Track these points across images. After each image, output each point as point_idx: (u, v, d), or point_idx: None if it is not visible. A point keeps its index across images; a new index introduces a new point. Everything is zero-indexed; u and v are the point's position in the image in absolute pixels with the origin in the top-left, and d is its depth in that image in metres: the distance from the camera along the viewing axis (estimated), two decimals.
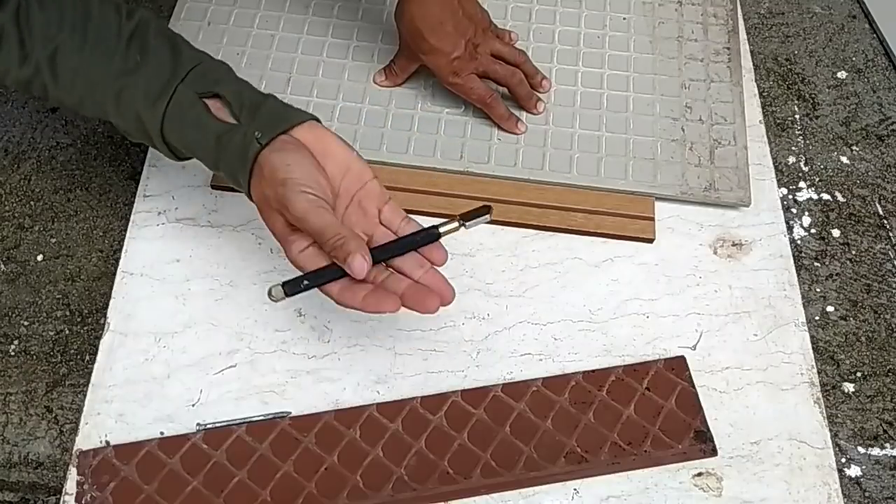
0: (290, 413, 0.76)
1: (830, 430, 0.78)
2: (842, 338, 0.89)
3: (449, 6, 0.86)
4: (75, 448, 0.75)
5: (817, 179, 0.99)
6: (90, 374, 0.79)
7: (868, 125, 1.04)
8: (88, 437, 0.75)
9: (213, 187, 0.89)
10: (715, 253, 0.87)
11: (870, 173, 1.00)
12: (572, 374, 0.79)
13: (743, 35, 1.02)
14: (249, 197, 0.71)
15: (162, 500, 0.72)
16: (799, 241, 0.94)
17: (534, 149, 0.90)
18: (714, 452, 0.75)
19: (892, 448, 0.83)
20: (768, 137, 0.95)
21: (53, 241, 0.92)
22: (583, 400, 0.77)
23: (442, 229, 0.70)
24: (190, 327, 0.81)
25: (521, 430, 0.75)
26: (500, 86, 0.91)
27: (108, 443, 0.75)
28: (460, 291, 0.83)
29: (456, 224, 0.70)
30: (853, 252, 0.94)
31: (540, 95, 0.93)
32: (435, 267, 0.71)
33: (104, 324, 0.81)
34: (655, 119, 0.93)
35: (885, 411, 0.85)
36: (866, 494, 0.81)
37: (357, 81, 0.95)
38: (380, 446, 0.74)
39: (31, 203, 0.94)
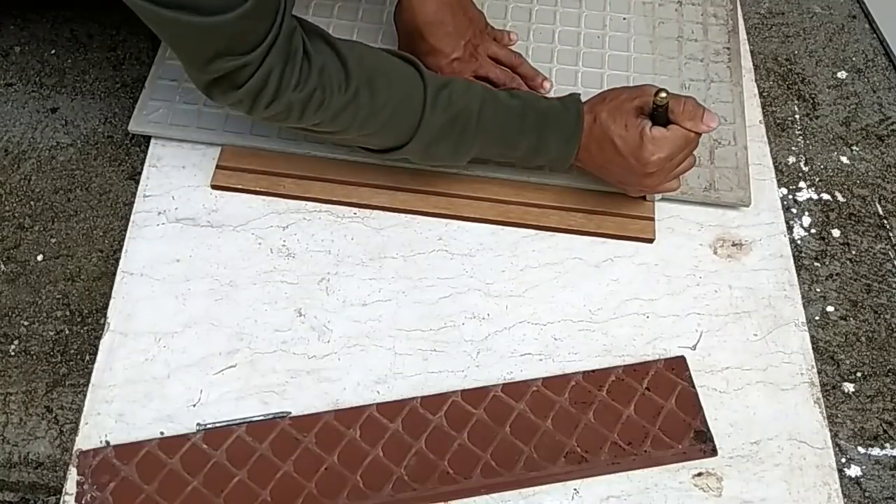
0: (290, 413, 0.76)
1: (830, 430, 0.78)
2: (842, 338, 0.89)
3: (448, 7, 0.86)
4: (75, 448, 0.75)
5: (817, 179, 0.99)
6: (90, 374, 0.79)
7: (868, 125, 1.04)
8: (88, 437, 0.75)
9: (213, 187, 0.89)
10: (715, 253, 0.87)
11: (870, 173, 1.00)
12: (572, 374, 0.79)
13: (743, 35, 1.02)
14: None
15: (162, 500, 0.72)
16: (799, 241, 0.94)
17: None
18: (714, 452, 0.75)
19: (892, 448, 0.83)
20: (768, 137, 0.95)
21: (53, 241, 0.92)
22: (583, 400, 0.77)
23: None
24: (190, 327, 0.81)
25: (521, 430, 0.75)
26: (498, 87, 0.91)
27: (108, 443, 0.75)
28: (460, 292, 0.84)
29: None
30: (853, 252, 0.94)
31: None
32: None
33: (104, 324, 0.81)
34: None
35: (885, 411, 0.85)
36: (866, 494, 0.81)
37: None
38: (380, 446, 0.74)
39: (31, 203, 0.94)
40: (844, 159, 1.01)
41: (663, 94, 0.74)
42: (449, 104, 0.77)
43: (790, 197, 0.98)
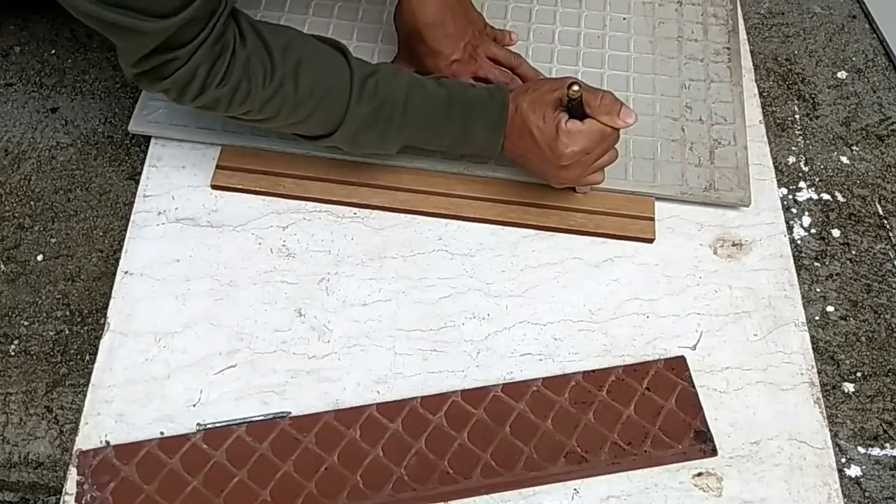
0: (290, 413, 0.76)
1: (830, 430, 0.78)
2: (842, 338, 0.89)
3: (448, 8, 0.86)
4: (75, 448, 0.75)
5: (817, 179, 0.99)
6: (90, 374, 0.79)
7: (868, 125, 1.04)
8: (88, 437, 0.75)
9: (213, 187, 0.89)
10: (715, 253, 0.87)
11: (870, 173, 1.00)
12: (572, 374, 0.79)
13: (743, 35, 1.02)
14: None
15: (162, 500, 0.72)
16: (799, 241, 0.94)
17: None
18: (714, 452, 0.75)
19: (892, 448, 0.83)
20: (768, 137, 0.95)
21: (53, 241, 0.92)
22: (583, 400, 0.77)
23: None
24: (190, 327, 0.81)
25: (521, 430, 0.75)
26: None
27: (108, 443, 0.75)
28: (460, 292, 0.84)
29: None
30: (853, 252, 0.94)
31: None
32: None
33: (104, 324, 0.81)
34: (655, 119, 0.93)
35: (885, 411, 0.85)
36: (866, 494, 0.81)
37: None
38: (380, 446, 0.74)
39: (31, 203, 0.94)
40: (844, 159, 1.01)
41: (576, 87, 0.74)
42: (375, 93, 0.77)
43: (790, 197, 0.98)
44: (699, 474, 0.75)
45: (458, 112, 0.79)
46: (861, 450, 0.83)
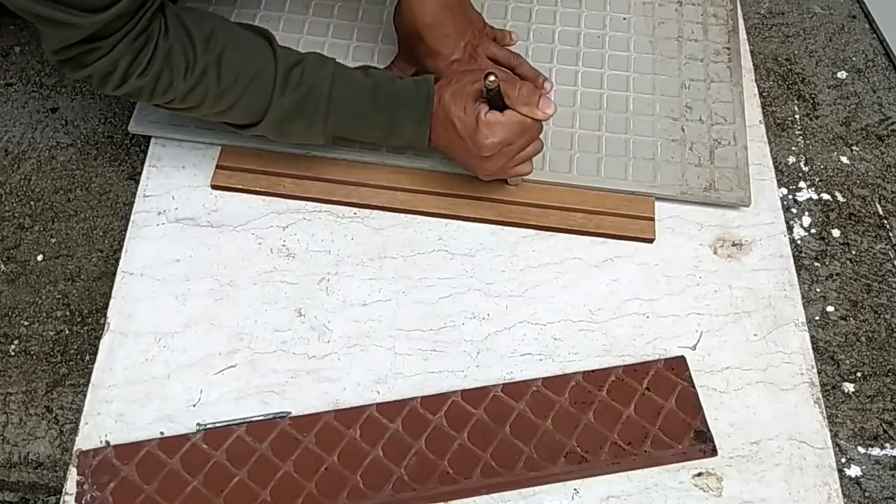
0: (290, 413, 0.76)
1: (830, 430, 0.78)
2: (842, 338, 0.89)
3: (448, 9, 0.86)
4: (75, 448, 0.75)
5: (817, 179, 0.99)
6: (90, 374, 0.79)
7: (868, 125, 1.04)
8: (88, 437, 0.75)
9: (213, 187, 0.89)
10: (715, 253, 0.87)
11: (870, 173, 1.00)
12: (572, 374, 0.79)
13: (743, 35, 1.02)
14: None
15: (162, 500, 0.72)
16: (799, 241, 0.94)
17: None
18: (714, 452, 0.75)
19: (892, 448, 0.83)
20: (768, 137, 0.95)
21: (53, 241, 0.92)
22: (583, 400, 0.77)
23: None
24: (190, 327, 0.81)
25: (521, 430, 0.75)
26: None
27: (108, 443, 0.75)
28: (460, 292, 0.84)
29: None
30: (853, 252, 0.94)
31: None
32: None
33: (104, 324, 0.81)
34: (655, 119, 0.93)
35: (885, 411, 0.85)
36: (866, 494, 0.81)
37: None
38: (380, 446, 0.74)
39: (31, 203, 0.94)
40: (844, 159, 1.01)
41: (492, 78, 0.74)
42: (300, 83, 0.78)
43: (790, 197, 0.98)
44: (699, 474, 0.75)
45: (383, 103, 0.80)
46: (861, 450, 0.83)
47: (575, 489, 0.74)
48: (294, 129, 0.81)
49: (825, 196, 0.98)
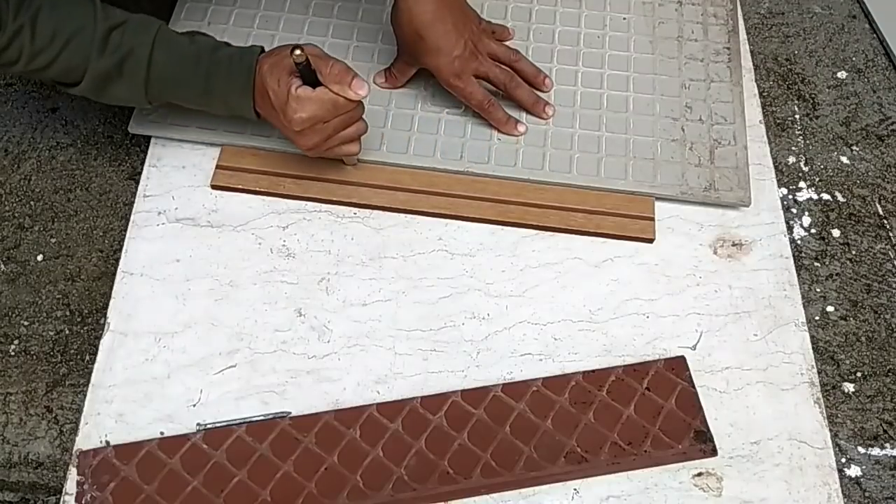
0: (290, 413, 0.76)
1: (830, 430, 0.78)
2: (842, 338, 0.89)
3: (446, 5, 0.85)
4: (75, 448, 0.75)
5: (817, 179, 0.99)
6: (90, 374, 0.79)
7: (868, 125, 1.04)
8: (88, 437, 0.75)
9: (213, 187, 0.89)
10: (715, 253, 0.87)
11: (870, 173, 1.00)
12: (572, 374, 0.79)
13: (743, 35, 1.02)
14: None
15: (162, 500, 0.72)
16: (799, 241, 0.94)
17: (534, 149, 0.90)
18: (714, 452, 0.75)
19: (892, 448, 0.83)
20: (768, 137, 0.95)
21: (53, 241, 0.92)
22: (583, 400, 0.77)
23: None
24: (190, 327, 0.81)
25: (521, 430, 0.75)
26: (498, 89, 0.91)
27: (108, 443, 0.75)
28: (460, 292, 0.84)
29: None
30: (853, 252, 0.94)
31: (547, 99, 0.93)
32: None
33: (104, 324, 0.81)
34: (655, 119, 0.93)
35: (885, 411, 0.85)
36: (866, 494, 0.81)
37: None
38: (380, 446, 0.74)
39: (31, 203, 0.94)
40: (844, 159, 1.01)
41: (298, 52, 0.74)
42: (118, 46, 0.78)
43: (790, 197, 0.98)
44: (699, 474, 0.75)
45: (205, 70, 0.80)
46: (861, 450, 0.83)
47: (575, 489, 0.74)
48: (115, 91, 0.81)
49: (825, 196, 0.98)
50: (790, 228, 0.94)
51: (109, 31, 0.78)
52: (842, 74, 1.08)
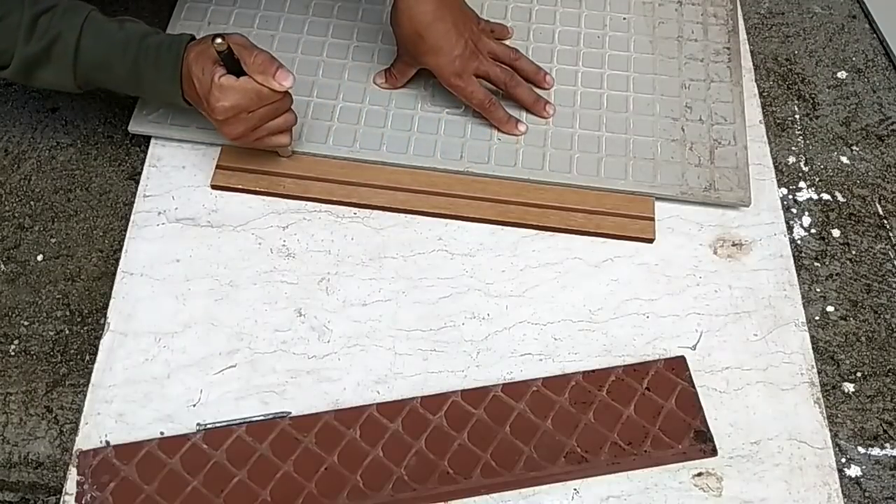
0: (290, 413, 0.76)
1: (830, 430, 0.78)
2: (842, 338, 0.89)
3: (445, 4, 0.85)
4: (75, 448, 0.75)
5: (817, 179, 0.99)
6: (90, 374, 0.79)
7: (868, 125, 1.04)
8: (88, 437, 0.75)
9: (213, 187, 0.89)
10: (715, 253, 0.87)
11: (870, 173, 1.00)
12: (572, 374, 0.79)
13: (743, 35, 1.02)
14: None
15: (162, 500, 0.72)
16: (799, 241, 0.94)
17: (534, 149, 0.91)
18: (714, 452, 0.75)
19: (892, 448, 0.83)
20: (768, 137, 0.95)
21: (53, 241, 0.92)
22: (583, 400, 0.77)
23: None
24: (190, 327, 0.81)
25: (521, 430, 0.75)
26: (498, 88, 0.91)
27: (108, 443, 0.75)
28: (460, 291, 0.84)
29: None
30: (853, 252, 0.94)
31: (547, 98, 0.93)
32: None
33: (104, 324, 0.81)
34: (655, 119, 0.93)
35: (885, 411, 0.85)
36: (866, 494, 0.81)
37: (357, 81, 0.95)
38: (380, 446, 0.74)
39: (31, 203, 0.94)
40: (844, 159, 1.01)
41: (219, 41, 0.74)
42: (46, 31, 0.78)
43: (790, 197, 0.98)
44: (699, 474, 0.75)
45: (133, 57, 0.80)
46: (861, 450, 0.83)
47: (575, 489, 0.74)
48: (44, 76, 0.81)
49: (825, 196, 0.98)
50: (790, 228, 0.94)
51: (38, 15, 0.78)
52: (842, 74, 1.08)
